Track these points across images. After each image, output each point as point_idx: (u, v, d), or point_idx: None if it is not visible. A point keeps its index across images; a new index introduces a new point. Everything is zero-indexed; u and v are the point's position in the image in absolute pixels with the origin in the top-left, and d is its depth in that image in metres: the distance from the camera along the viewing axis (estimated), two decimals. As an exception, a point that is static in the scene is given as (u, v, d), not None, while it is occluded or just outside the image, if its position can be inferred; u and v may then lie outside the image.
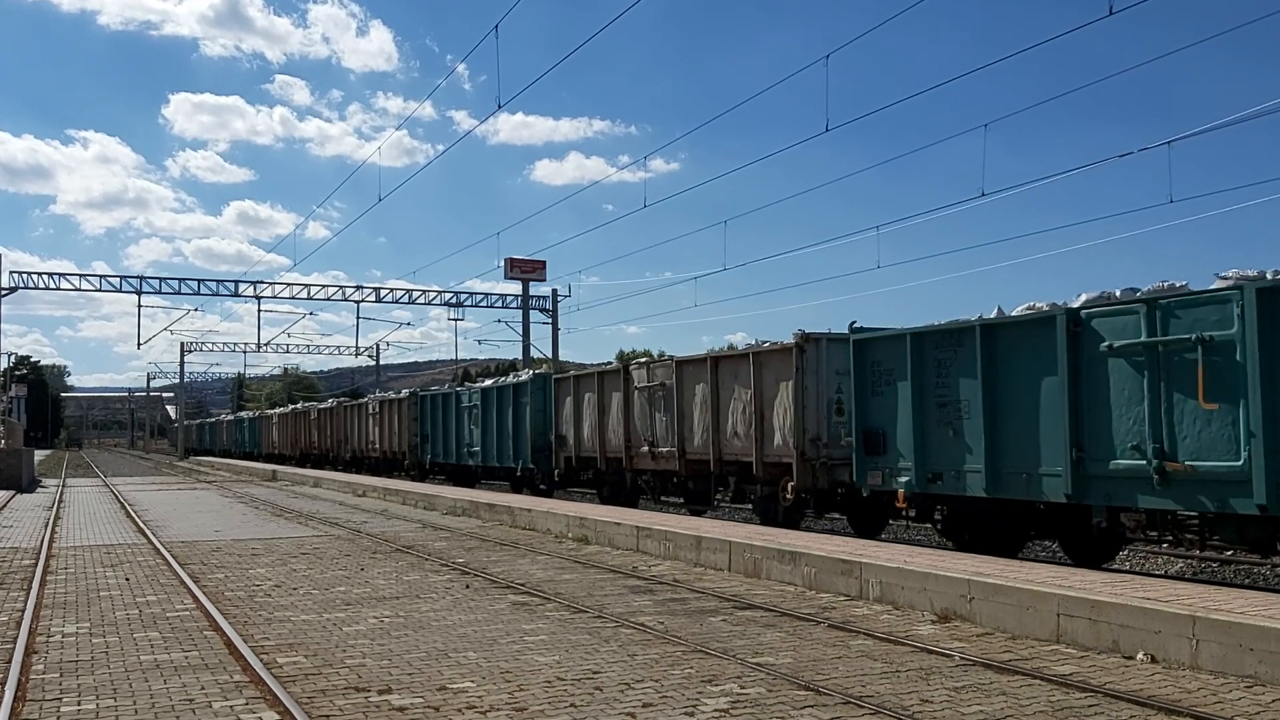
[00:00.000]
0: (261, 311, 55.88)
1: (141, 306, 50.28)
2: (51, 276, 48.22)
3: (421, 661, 7.70)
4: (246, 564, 13.84)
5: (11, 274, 46.05)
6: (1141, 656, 7.63)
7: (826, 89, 22.23)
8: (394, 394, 40.68)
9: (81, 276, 49.36)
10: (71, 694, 6.79)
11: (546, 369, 31.36)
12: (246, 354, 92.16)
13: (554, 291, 52.78)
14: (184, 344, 74.86)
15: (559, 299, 52.60)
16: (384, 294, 54.55)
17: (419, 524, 20.02)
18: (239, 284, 51.32)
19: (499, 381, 29.80)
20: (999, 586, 9.00)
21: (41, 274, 49.38)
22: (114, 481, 41.27)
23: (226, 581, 12.11)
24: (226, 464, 57.18)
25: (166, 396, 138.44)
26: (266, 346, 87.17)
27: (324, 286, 58.76)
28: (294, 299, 55.97)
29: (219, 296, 51.25)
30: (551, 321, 52.66)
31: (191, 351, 76.66)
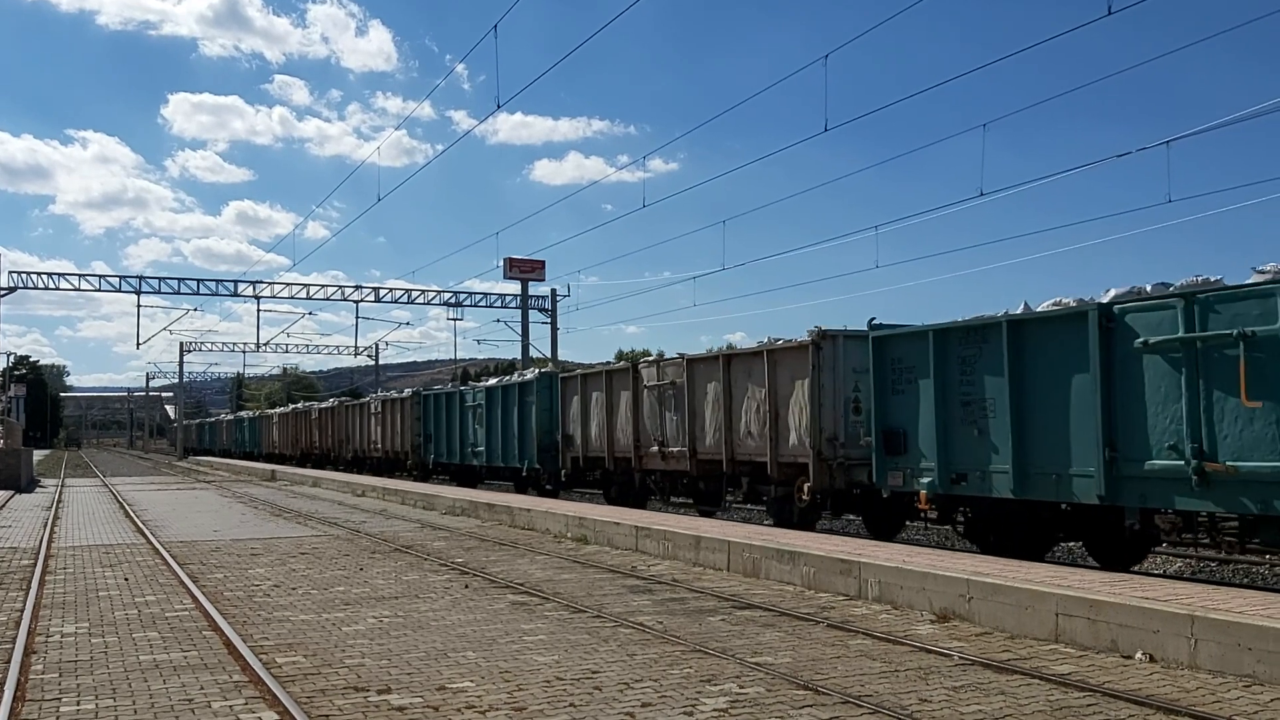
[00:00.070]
0: (261, 311, 56.01)
1: (141, 306, 50.45)
2: (51, 276, 48.34)
3: (420, 661, 7.70)
4: (245, 564, 13.84)
5: (11, 274, 46.36)
6: (1140, 656, 7.63)
7: (825, 89, 22.27)
8: (397, 393, 40.03)
9: (81, 276, 49.49)
10: (71, 694, 6.79)
11: (552, 368, 31.19)
12: (245, 354, 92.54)
13: (553, 291, 52.88)
14: (183, 344, 75.00)
15: (558, 299, 52.72)
16: (383, 294, 54.68)
17: (418, 524, 20.03)
18: (238, 284, 51.42)
19: (504, 380, 29.40)
20: (998, 586, 9.01)
21: (41, 274, 49.57)
22: (113, 481, 41.26)
23: (225, 581, 12.11)
24: (226, 464, 57.17)
25: (165, 396, 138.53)
26: (265, 346, 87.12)
27: (323, 286, 58.92)
28: (293, 299, 56.09)
29: (218, 296, 51.41)
30: (550, 321, 52.76)
31: (191, 351, 76.81)
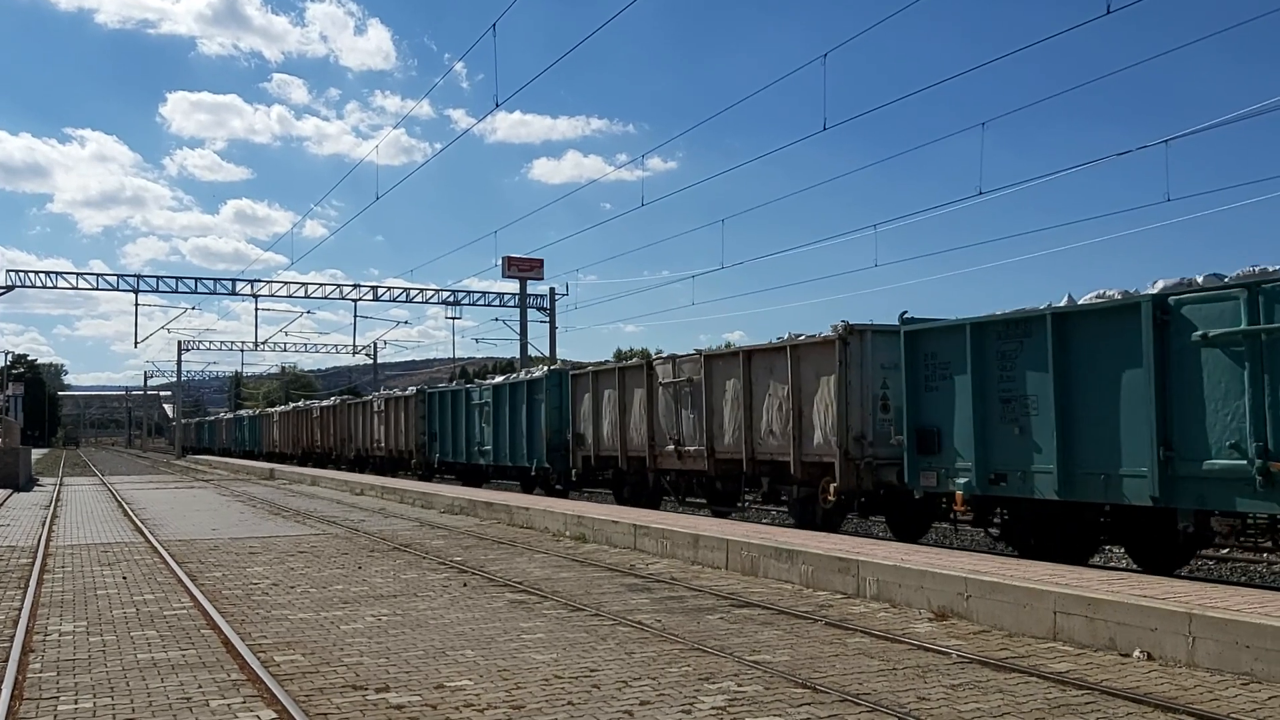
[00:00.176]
0: (259, 310, 56.20)
1: (139, 305, 50.67)
2: (49, 275, 48.37)
3: (419, 659, 7.70)
4: (244, 562, 13.84)
5: (8, 272, 46.33)
6: (1138, 654, 7.64)
7: (824, 88, 22.13)
8: (400, 391, 39.39)
9: (79, 275, 49.50)
10: (69, 692, 6.79)
11: (562, 365, 31.01)
12: (244, 352, 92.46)
13: (551, 290, 52.90)
14: (181, 342, 75.16)
15: (556, 297, 52.73)
16: (381, 292, 54.72)
17: (416, 522, 20.02)
18: (236, 283, 51.44)
19: (511, 378, 28.91)
20: (996, 584, 9.01)
21: (39, 272, 49.39)
22: (111, 480, 41.23)
23: (224, 580, 12.11)
24: (224, 463, 57.16)
25: (164, 395, 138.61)
26: (264, 345, 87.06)
27: (321, 285, 58.93)
28: (291, 298, 56.39)
29: (216, 295, 51.45)
30: (549, 320, 52.76)
31: (189, 350, 77.00)
